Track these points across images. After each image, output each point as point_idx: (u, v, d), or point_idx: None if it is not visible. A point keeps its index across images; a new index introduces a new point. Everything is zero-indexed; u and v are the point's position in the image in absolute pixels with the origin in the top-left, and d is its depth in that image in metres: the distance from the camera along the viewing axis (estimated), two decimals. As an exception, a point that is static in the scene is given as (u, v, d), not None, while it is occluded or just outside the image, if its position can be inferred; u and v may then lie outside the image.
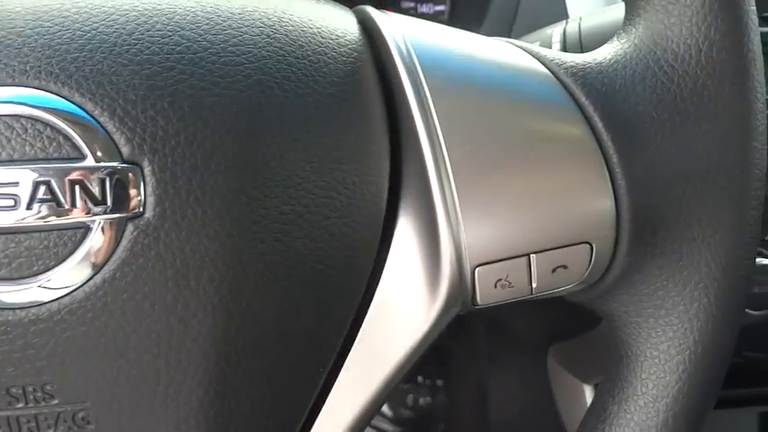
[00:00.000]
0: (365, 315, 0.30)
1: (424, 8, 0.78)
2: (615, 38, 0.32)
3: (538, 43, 0.47)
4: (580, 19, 0.45)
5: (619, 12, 0.45)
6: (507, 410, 0.83)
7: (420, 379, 0.88)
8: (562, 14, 0.63)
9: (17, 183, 0.24)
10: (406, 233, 0.30)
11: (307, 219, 0.27)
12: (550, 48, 0.45)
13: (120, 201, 0.25)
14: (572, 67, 0.30)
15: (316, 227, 0.27)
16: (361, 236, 0.29)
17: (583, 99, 0.30)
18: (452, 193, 0.28)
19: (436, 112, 0.28)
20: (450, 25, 0.33)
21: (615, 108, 0.30)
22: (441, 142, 0.28)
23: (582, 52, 0.42)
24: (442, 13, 0.77)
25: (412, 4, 0.78)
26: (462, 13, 0.75)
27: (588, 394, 0.67)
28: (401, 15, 0.32)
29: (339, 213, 0.28)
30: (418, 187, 0.29)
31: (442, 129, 0.28)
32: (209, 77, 0.26)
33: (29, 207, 0.24)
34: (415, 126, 0.29)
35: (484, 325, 0.80)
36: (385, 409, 0.87)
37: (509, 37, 0.65)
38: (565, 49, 0.44)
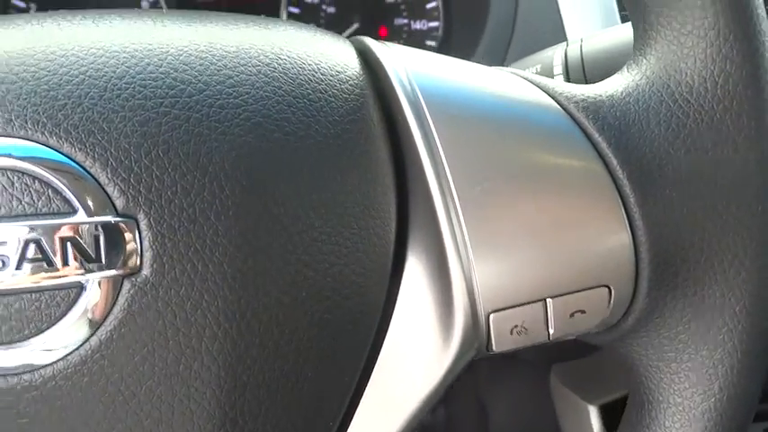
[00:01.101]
0: (375, 364, 0.28)
1: (418, 25, 0.77)
2: (626, 69, 0.31)
3: (539, 66, 0.45)
4: (581, 41, 0.44)
5: (620, 33, 0.44)
6: (508, 428, 0.82)
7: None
8: (559, 31, 0.62)
9: (5, 242, 0.22)
10: (415, 277, 0.28)
11: (312, 267, 0.26)
12: (552, 71, 0.44)
13: (116, 257, 0.23)
14: (583, 100, 0.29)
15: (322, 275, 0.26)
16: (368, 281, 0.27)
17: (596, 135, 0.29)
18: (463, 236, 0.27)
19: (443, 149, 0.27)
20: (444, 42, 0.32)
21: (630, 144, 0.28)
22: (449, 181, 0.27)
23: (585, 76, 0.41)
24: (435, 29, 0.76)
25: (405, 21, 0.77)
26: (457, 31, 0.74)
27: (593, 415, 0.65)
28: (401, 46, 0.31)
29: (345, 260, 0.26)
30: (427, 228, 0.28)
31: (450, 167, 0.27)
32: (205, 122, 0.24)
33: (18, 267, 0.23)
34: (421, 164, 0.27)
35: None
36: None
37: (506, 55, 0.64)
38: (567, 72, 0.43)
